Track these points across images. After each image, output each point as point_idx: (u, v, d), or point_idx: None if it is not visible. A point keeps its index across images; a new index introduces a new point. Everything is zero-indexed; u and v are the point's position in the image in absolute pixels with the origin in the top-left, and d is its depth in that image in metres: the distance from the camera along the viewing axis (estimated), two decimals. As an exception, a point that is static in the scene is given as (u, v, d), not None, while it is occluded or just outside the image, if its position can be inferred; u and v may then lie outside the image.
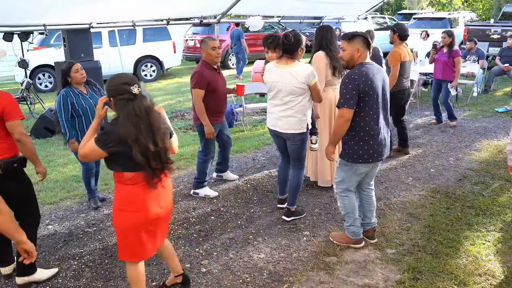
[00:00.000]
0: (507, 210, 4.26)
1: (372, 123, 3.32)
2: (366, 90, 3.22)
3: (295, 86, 3.71)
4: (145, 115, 2.49)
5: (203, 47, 4.41)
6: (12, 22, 4.74)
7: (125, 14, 5.54)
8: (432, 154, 5.93)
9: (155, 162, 2.52)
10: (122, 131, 2.44)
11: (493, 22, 14.48)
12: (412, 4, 25.04)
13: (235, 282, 3.25)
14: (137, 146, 2.43)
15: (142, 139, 2.44)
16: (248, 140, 6.72)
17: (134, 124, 2.44)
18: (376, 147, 3.37)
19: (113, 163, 2.55)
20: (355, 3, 7.77)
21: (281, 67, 3.80)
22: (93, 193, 4.59)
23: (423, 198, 4.59)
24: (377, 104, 3.31)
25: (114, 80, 2.54)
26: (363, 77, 3.22)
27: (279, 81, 3.78)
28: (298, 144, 3.93)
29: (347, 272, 3.33)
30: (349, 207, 3.60)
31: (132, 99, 2.49)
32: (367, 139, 3.33)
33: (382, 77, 3.34)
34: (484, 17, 23.95)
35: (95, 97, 4.22)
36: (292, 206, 4.16)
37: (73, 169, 5.67)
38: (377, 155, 3.39)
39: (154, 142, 2.49)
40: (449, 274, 3.26)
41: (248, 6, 6.42)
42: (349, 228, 3.67)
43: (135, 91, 2.49)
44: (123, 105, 2.48)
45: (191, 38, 15.23)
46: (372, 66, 3.31)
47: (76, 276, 3.40)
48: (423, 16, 16.40)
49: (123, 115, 2.48)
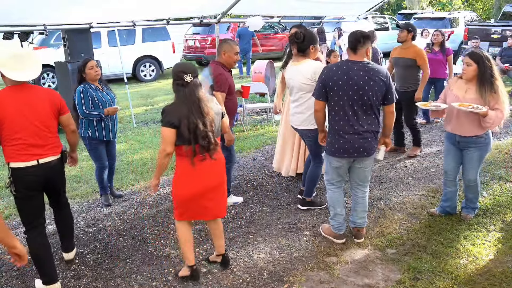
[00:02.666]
0: (507, 210, 4.26)
1: (337, 118, 3.40)
2: (330, 85, 3.34)
3: (303, 82, 3.85)
4: (195, 100, 2.92)
5: (226, 49, 4.05)
6: (12, 22, 4.74)
7: (125, 14, 5.53)
8: (432, 154, 5.93)
9: (204, 141, 2.93)
10: (176, 109, 2.91)
11: (494, 22, 14.48)
12: (412, 4, 25.04)
13: (235, 282, 3.25)
14: (186, 123, 2.87)
15: (192, 118, 2.88)
16: (248, 140, 6.72)
17: (186, 105, 2.90)
18: (342, 144, 3.41)
19: (176, 137, 2.94)
20: (355, 3, 7.77)
21: (294, 65, 3.99)
22: (105, 190, 4.61)
23: (423, 198, 4.59)
24: (344, 101, 3.33)
25: (175, 67, 3.04)
26: (330, 72, 3.36)
27: (291, 78, 3.99)
28: (311, 140, 4.02)
29: (347, 272, 3.33)
30: (330, 200, 3.72)
31: (184, 85, 2.92)
32: (335, 135, 3.44)
33: (364, 77, 3.29)
34: (484, 17, 23.96)
35: (109, 93, 4.31)
36: (308, 197, 4.32)
37: (73, 169, 5.66)
38: (343, 151, 3.42)
39: (203, 123, 2.91)
40: (449, 274, 3.26)
41: (248, 6, 6.41)
42: (329, 221, 3.76)
43: (187, 79, 2.92)
44: (178, 89, 2.95)
45: (191, 38, 15.23)
46: (351, 65, 3.33)
47: (76, 276, 3.40)
48: (423, 16, 16.40)
49: (178, 96, 2.95)
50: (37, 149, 3.06)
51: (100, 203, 4.67)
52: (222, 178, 3.18)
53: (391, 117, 3.51)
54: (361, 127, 3.37)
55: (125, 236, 3.99)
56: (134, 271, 3.44)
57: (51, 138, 3.15)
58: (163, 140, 2.93)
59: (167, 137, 2.92)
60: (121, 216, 4.37)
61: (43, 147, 3.09)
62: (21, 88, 3.03)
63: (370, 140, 3.43)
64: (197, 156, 2.96)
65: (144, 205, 4.60)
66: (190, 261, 3.23)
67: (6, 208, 4.58)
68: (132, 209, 4.51)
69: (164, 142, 2.93)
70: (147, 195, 4.82)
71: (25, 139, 3.00)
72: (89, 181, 5.30)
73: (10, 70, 2.94)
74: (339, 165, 3.54)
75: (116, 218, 4.34)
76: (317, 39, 3.98)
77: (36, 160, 3.05)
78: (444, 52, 6.94)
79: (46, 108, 3.10)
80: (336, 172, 3.60)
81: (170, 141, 2.92)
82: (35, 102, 3.05)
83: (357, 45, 3.34)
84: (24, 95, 3.02)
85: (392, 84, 3.42)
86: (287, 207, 4.43)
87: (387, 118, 3.53)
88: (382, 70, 3.39)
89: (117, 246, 3.82)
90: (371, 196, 4.64)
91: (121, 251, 3.74)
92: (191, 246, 3.23)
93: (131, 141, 6.92)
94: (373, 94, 3.32)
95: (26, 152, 3.01)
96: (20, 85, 3.03)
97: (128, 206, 4.59)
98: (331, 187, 3.69)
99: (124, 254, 3.68)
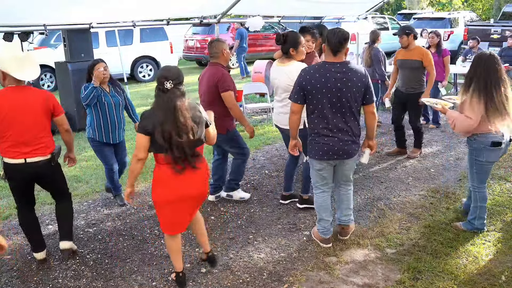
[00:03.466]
0: (507, 210, 4.26)
1: (316, 121, 3.38)
2: (309, 89, 3.31)
3: (288, 84, 3.83)
4: (171, 108, 2.80)
5: (224, 47, 4.11)
6: (12, 22, 4.74)
7: (125, 14, 5.53)
8: (432, 154, 5.93)
9: (178, 152, 2.83)
10: (152, 115, 2.83)
11: (493, 22, 14.48)
12: (412, 4, 25.06)
13: (235, 282, 3.26)
14: (160, 131, 2.78)
15: (166, 126, 2.78)
16: (248, 140, 6.71)
17: (162, 112, 2.81)
18: (322, 146, 3.38)
19: (150, 144, 2.89)
20: (355, 3, 7.77)
21: (279, 65, 4.02)
22: (118, 190, 4.60)
23: (423, 198, 4.59)
24: (322, 104, 3.29)
25: (160, 70, 2.96)
26: (307, 75, 3.32)
27: (277, 78, 4.01)
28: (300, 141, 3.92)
29: (347, 272, 3.33)
30: (315, 204, 3.70)
31: (164, 91, 2.84)
32: (315, 137, 3.42)
33: (342, 79, 3.24)
34: (484, 17, 23.97)
35: (117, 97, 4.23)
36: (304, 194, 4.31)
37: (73, 169, 5.66)
38: (322, 153, 3.40)
39: (178, 134, 2.80)
40: (449, 274, 3.26)
41: (248, 6, 6.41)
42: (316, 225, 3.75)
43: (167, 86, 2.83)
44: (158, 94, 2.89)
45: (191, 38, 15.23)
46: (328, 66, 3.27)
47: (76, 276, 3.40)
48: (423, 16, 16.40)
49: (156, 102, 2.89)
50: (26, 147, 3.22)
51: (100, 203, 4.68)
52: (202, 189, 3.03)
53: (372, 118, 3.44)
54: (340, 129, 3.33)
55: (125, 236, 3.99)
56: (134, 271, 3.44)
57: (42, 138, 3.28)
58: (136, 145, 2.90)
59: (140, 143, 2.86)
60: (121, 216, 4.37)
61: (32, 147, 3.24)
62: (18, 89, 3.22)
63: (350, 143, 3.37)
64: (176, 166, 2.88)
65: (144, 205, 4.60)
66: (178, 268, 3.21)
67: (6, 208, 4.58)
68: (132, 209, 4.51)
69: (137, 148, 2.88)
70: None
71: (15, 137, 3.19)
72: (89, 181, 5.30)
73: (13, 71, 3.14)
74: (321, 167, 3.50)
75: (116, 218, 4.34)
76: (299, 42, 3.91)
77: (23, 159, 3.22)
78: (440, 53, 6.84)
79: (37, 108, 3.23)
80: (319, 175, 3.55)
81: (143, 147, 2.86)
82: (27, 102, 3.21)
83: (340, 48, 3.26)
84: (18, 95, 3.20)
85: (371, 84, 3.36)
86: (287, 207, 4.43)
87: (368, 119, 3.47)
88: (360, 69, 3.34)
89: (117, 246, 3.82)
90: (371, 196, 4.65)
91: (121, 251, 3.74)
92: (178, 255, 3.18)
93: (131, 141, 6.90)
94: (352, 96, 3.27)
95: (15, 149, 3.21)
96: (18, 86, 3.22)
97: (128, 206, 4.59)
98: (316, 191, 3.64)
99: (124, 254, 3.68)
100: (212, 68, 4.14)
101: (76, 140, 6.99)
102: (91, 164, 5.89)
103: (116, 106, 4.23)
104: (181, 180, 2.91)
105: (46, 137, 3.32)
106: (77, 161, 5.38)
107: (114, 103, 4.20)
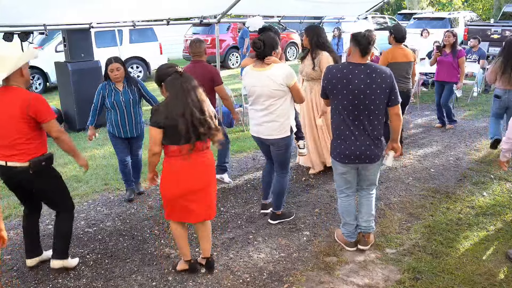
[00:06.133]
0: (507, 210, 4.26)
1: (338, 123, 3.32)
2: (330, 88, 3.28)
3: (274, 89, 3.56)
4: (191, 89, 2.92)
5: (204, 47, 4.60)
6: (12, 22, 4.73)
7: (125, 14, 5.53)
8: (432, 154, 5.93)
9: (203, 128, 2.92)
10: (169, 108, 2.87)
11: (493, 22, 14.49)
12: (412, 4, 25.04)
13: (235, 282, 3.25)
14: (183, 119, 2.85)
15: (188, 111, 2.86)
16: (248, 140, 6.71)
17: (181, 99, 2.88)
18: (343, 150, 3.30)
19: (164, 136, 2.93)
20: (355, 3, 7.75)
21: (258, 70, 3.65)
22: (128, 184, 4.72)
23: (423, 198, 4.59)
24: (343, 106, 3.22)
25: (159, 69, 3.08)
26: (330, 74, 3.29)
27: (257, 85, 3.64)
28: (282, 149, 3.80)
29: (347, 272, 3.33)
30: (339, 208, 3.63)
31: (178, 77, 2.94)
32: (337, 139, 3.37)
33: (365, 81, 3.15)
34: (484, 17, 23.97)
35: (128, 94, 4.37)
36: (278, 210, 4.09)
37: (73, 169, 5.67)
38: (344, 157, 3.31)
39: (201, 111, 2.92)
40: (449, 274, 3.26)
41: (248, 6, 6.40)
42: (341, 228, 3.70)
43: (180, 69, 2.98)
44: (173, 84, 2.93)
45: (191, 38, 15.23)
46: (352, 68, 3.21)
47: (76, 276, 3.40)
48: (423, 16, 16.41)
49: (171, 93, 2.92)
50: (7, 150, 3.05)
51: (100, 203, 4.68)
52: (208, 181, 3.11)
53: (397, 119, 3.33)
54: (362, 133, 3.24)
55: (125, 236, 3.99)
56: (134, 271, 3.44)
57: (21, 145, 3.04)
58: (150, 140, 2.95)
59: (153, 137, 2.92)
60: (121, 216, 4.38)
61: (9, 151, 3.04)
62: (2, 90, 3.04)
63: (373, 148, 3.27)
64: (192, 155, 2.95)
65: (144, 205, 4.60)
66: (187, 257, 3.28)
67: (6, 208, 4.58)
68: (132, 209, 4.51)
69: (151, 142, 2.95)
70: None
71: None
72: (89, 181, 5.30)
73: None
74: (344, 170, 3.41)
75: (116, 218, 4.34)
76: (277, 43, 3.69)
77: (4, 161, 3.07)
78: (455, 54, 6.59)
79: (14, 112, 2.99)
80: (343, 179, 3.46)
81: (156, 141, 2.93)
82: (4, 104, 3.00)
83: (368, 50, 3.22)
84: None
85: (395, 85, 3.25)
86: (286, 207, 4.42)
87: (393, 121, 3.35)
88: (385, 70, 3.24)
89: (117, 246, 3.82)
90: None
91: (121, 251, 3.74)
92: (184, 241, 3.26)
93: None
94: (376, 98, 3.16)
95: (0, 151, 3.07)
96: (3, 87, 3.04)
97: (128, 206, 4.59)
98: (340, 195, 3.56)
99: (124, 254, 3.68)
100: (202, 64, 4.54)
101: (76, 140, 6.98)
102: (91, 164, 5.88)
103: (127, 104, 4.36)
104: (190, 172, 2.99)
105: (26, 144, 3.05)
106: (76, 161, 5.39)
107: (125, 100, 4.34)
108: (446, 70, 6.73)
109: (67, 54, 7.40)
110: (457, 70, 6.65)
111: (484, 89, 9.79)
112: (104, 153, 6.27)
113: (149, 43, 12.94)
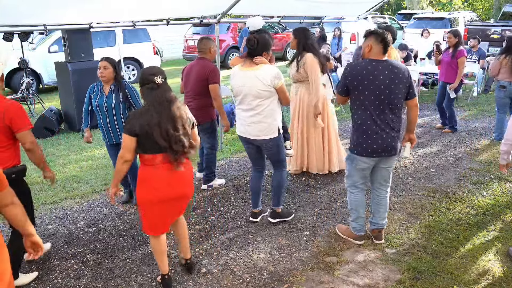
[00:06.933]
0: (507, 210, 4.26)
1: (364, 118, 3.37)
2: (355, 84, 3.32)
3: (261, 89, 3.57)
4: (166, 103, 2.82)
5: (212, 45, 4.58)
6: (12, 22, 4.74)
7: (125, 14, 5.53)
8: (432, 154, 5.93)
9: (177, 145, 2.82)
10: (144, 117, 2.79)
11: (493, 22, 14.48)
12: (412, 4, 25.04)
13: (235, 282, 3.26)
14: (158, 130, 2.77)
15: (163, 124, 2.77)
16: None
17: (156, 111, 2.79)
18: (371, 144, 3.38)
19: (138, 145, 2.86)
20: (355, 3, 7.75)
21: (246, 70, 3.67)
22: (126, 187, 4.69)
23: (423, 198, 4.59)
24: (370, 101, 3.31)
25: (143, 71, 2.92)
26: (354, 70, 3.34)
27: (244, 85, 3.64)
28: (274, 149, 3.80)
29: (347, 272, 3.33)
30: (353, 203, 3.67)
31: (155, 88, 2.82)
32: (363, 134, 3.40)
33: (390, 76, 3.28)
34: (484, 17, 23.98)
35: (111, 99, 4.11)
36: (277, 207, 4.06)
37: (73, 169, 5.67)
38: (371, 151, 3.39)
39: (175, 128, 2.81)
40: (449, 274, 3.26)
41: (248, 6, 6.40)
42: (351, 223, 3.73)
43: (158, 81, 2.83)
44: (148, 93, 2.83)
45: (191, 38, 15.24)
46: (375, 64, 3.30)
47: (76, 276, 3.40)
48: (423, 16, 16.40)
49: (147, 102, 2.83)
50: None
51: (100, 203, 4.68)
52: (184, 192, 2.98)
53: (416, 110, 3.50)
54: (387, 126, 3.37)
55: (125, 236, 3.99)
56: (134, 271, 3.44)
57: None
58: (122, 146, 2.83)
59: (126, 145, 2.81)
60: (121, 216, 4.38)
61: None
62: None
63: (396, 139, 3.43)
64: (167, 165, 2.84)
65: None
66: (163, 271, 3.17)
67: None
68: (132, 209, 4.51)
69: (123, 148, 2.83)
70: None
71: None
72: (89, 181, 5.30)
73: None
74: (366, 166, 3.49)
75: (116, 218, 4.34)
76: (270, 45, 3.73)
77: None
78: (454, 54, 6.52)
79: None
80: (361, 174, 3.55)
81: (129, 149, 2.82)
82: None
83: (388, 47, 3.34)
84: None
85: (412, 79, 3.43)
86: (286, 207, 4.42)
87: (412, 112, 3.50)
88: (402, 65, 3.39)
89: (117, 246, 3.82)
90: (370, 196, 4.64)
91: (121, 251, 3.74)
92: (163, 257, 3.12)
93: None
94: (399, 92, 3.32)
95: None
96: None
97: (128, 206, 4.59)
98: (354, 190, 3.62)
99: (124, 254, 3.68)
100: (202, 61, 4.54)
101: (76, 140, 7.00)
102: (91, 164, 5.89)
103: (109, 108, 4.12)
104: (167, 180, 2.87)
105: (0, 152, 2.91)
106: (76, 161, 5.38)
107: (107, 105, 4.11)
108: (444, 70, 6.73)
109: (67, 54, 7.41)
110: (455, 70, 6.58)
111: (484, 89, 9.79)
112: (104, 153, 6.27)
113: (142, 44, 12.92)
